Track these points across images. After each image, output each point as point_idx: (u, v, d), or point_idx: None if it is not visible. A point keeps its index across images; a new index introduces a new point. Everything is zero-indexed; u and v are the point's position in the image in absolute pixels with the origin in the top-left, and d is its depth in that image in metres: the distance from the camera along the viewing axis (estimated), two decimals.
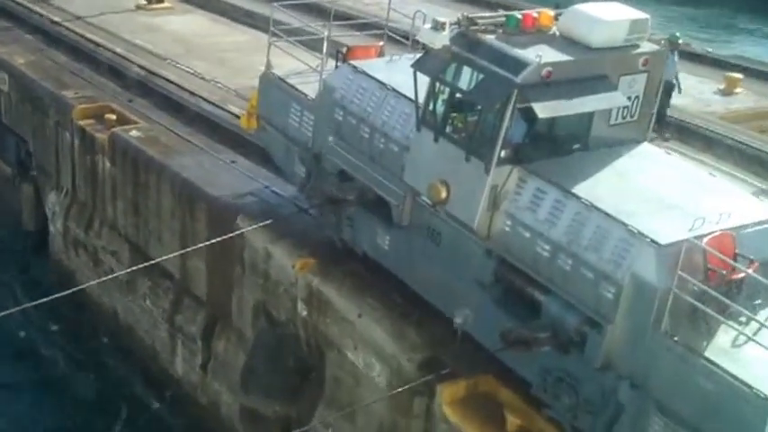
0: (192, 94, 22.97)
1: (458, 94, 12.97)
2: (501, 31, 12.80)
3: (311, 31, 16.58)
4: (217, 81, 23.76)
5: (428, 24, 12.99)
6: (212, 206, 18.12)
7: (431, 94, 13.19)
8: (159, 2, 29.90)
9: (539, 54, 12.19)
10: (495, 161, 12.38)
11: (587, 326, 11.64)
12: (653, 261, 11.03)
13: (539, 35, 12.82)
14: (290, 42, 16.44)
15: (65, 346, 22.40)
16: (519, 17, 12.80)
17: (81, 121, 21.98)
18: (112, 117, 21.72)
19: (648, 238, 11.17)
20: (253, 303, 17.19)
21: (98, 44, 26.29)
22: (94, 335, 22.22)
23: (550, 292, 12.07)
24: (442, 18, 12.83)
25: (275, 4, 16.73)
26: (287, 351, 16.51)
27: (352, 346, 14.89)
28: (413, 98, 13.39)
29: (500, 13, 13.16)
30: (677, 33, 22.17)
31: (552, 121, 12.74)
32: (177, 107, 22.61)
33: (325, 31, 15.85)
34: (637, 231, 11.28)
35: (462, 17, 12.85)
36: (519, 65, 12.16)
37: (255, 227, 16.31)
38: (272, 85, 16.59)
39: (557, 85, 12.25)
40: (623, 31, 12.73)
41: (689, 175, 13.05)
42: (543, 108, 12.13)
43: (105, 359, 21.80)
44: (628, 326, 11.24)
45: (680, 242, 10.91)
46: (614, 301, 11.27)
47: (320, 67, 15.64)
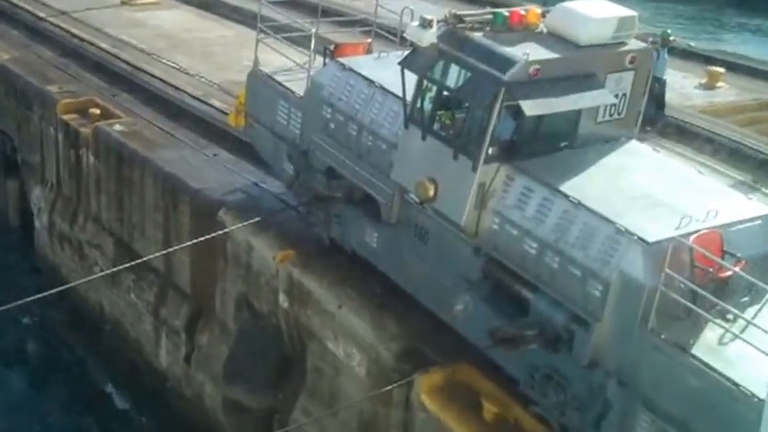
0: (176, 88, 23.06)
1: (445, 92, 12.96)
2: (488, 28, 12.78)
3: (299, 28, 16.54)
4: (201, 76, 23.83)
5: (416, 22, 12.97)
6: (195, 199, 18.28)
7: (418, 91, 13.17)
8: None
9: (526, 52, 12.19)
10: (483, 159, 12.39)
11: (575, 323, 11.66)
12: (640, 259, 11.04)
13: (526, 33, 12.82)
14: (277, 39, 16.40)
15: (50, 340, 22.50)
16: (506, 14, 12.79)
17: (65, 116, 22.04)
18: (96, 112, 21.82)
19: (636, 236, 11.19)
20: (235, 295, 17.33)
21: (83, 39, 26.32)
22: (80, 328, 22.29)
23: (538, 290, 12.08)
24: (429, 16, 12.80)
25: (263, 0, 16.67)
26: (269, 343, 16.63)
27: (333, 336, 15.02)
28: (401, 96, 13.38)
29: (487, 10, 13.13)
30: (669, 30, 22.25)
31: (540, 118, 12.72)
32: (161, 102, 22.69)
33: (313, 28, 15.80)
34: (624, 229, 11.30)
35: (450, 15, 12.84)
36: (506, 63, 12.15)
37: (244, 224, 16.36)
38: (259, 82, 16.56)
39: (544, 82, 12.25)
40: (611, 28, 12.74)
41: (676, 172, 13.07)
42: (531, 106, 12.13)
43: (90, 352, 21.89)
44: (615, 323, 11.25)
45: (667, 240, 10.95)
46: (602, 298, 11.29)
47: (308, 65, 15.61)
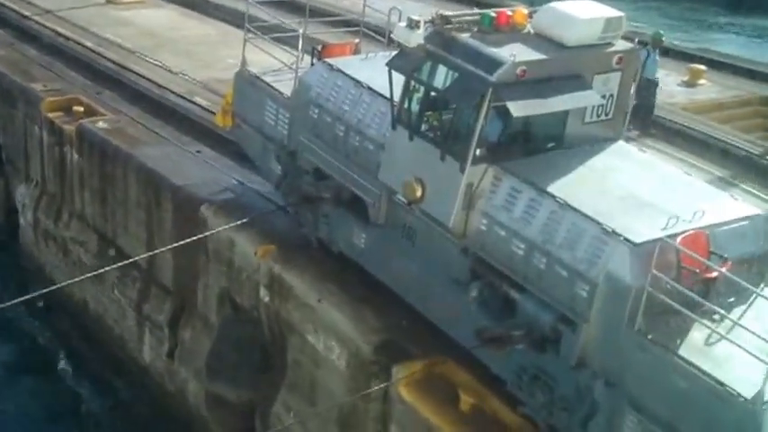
0: (160, 86, 23.15)
1: (433, 93, 12.98)
2: (475, 29, 12.80)
3: (287, 28, 16.53)
4: (185, 74, 23.91)
5: (403, 23, 12.97)
6: (177, 195, 18.40)
7: (406, 92, 13.18)
8: None
9: (513, 53, 12.20)
10: (471, 160, 12.41)
11: (562, 324, 11.69)
12: (627, 260, 11.07)
13: (513, 34, 12.84)
14: (265, 39, 16.39)
15: (35, 337, 22.53)
16: (493, 15, 12.80)
17: (49, 114, 22.05)
18: (80, 109, 21.88)
19: (623, 237, 11.21)
20: (217, 291, 17.42)
21: (68, 38, 26.33)
22: (64, 325, 22.33)
23: (526, 291, 12.11)
24: (416, 16, 12.81)
25: (250, 0, 16.65)
26: (251, 337, 16.71)
27: (313, 330, 15.11)
28: (388, 96, 13.38)
29: (474, 11, 13.15)
30: (661, 31, 22.35)
31: (527, 119, 12.76)
32: (145, 99, 22.78)
33: (300, 29, 15.79)
34: (611, 230, 11.32)
35: (437, 16, 12.84)
36: (493, 64, 12.17)
37: (232, 225, 16.38)
38: (247, 82, 16.55)
39: (531, 83, 12.27)
40: (598, 29, 12.75)
41: (663, 173, 13.09)
42: (518, 107, 12.15)
43: (74, 348, 21.99)
44: (602, 324, 11.29)
45: (654, 241, 10.97)
46: (589, 299, 11.32)
47: (295, 65, 15.60)
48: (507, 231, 12.23)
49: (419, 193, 12.99)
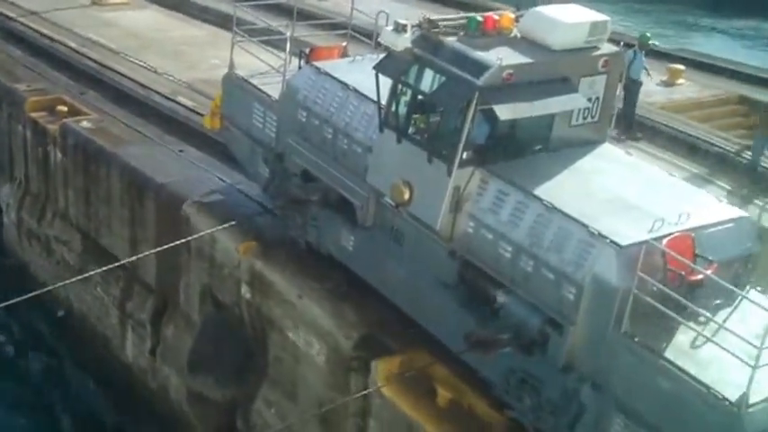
0: (144, 87, 23.21)
1: (420, 96, 13.01)
2: (462, 33, 12.84)
3: (274, 31, 16.54)
4: (169, 74, 23.97)
5: (390, 26, 13.00)
6: (160, 193, 18.51)
7: (393, 95, 13.21)
8: None
9: (500, 56, 12.25)
10: (458, 163, 12.44)
11: (549, 327, 11.74)
12: (613, 262, 11.12)
13: (500, 37, 12.88)
14: (253, 42, 16.40)
15: (18, 335, 22.58)
16: (480, 19, 12.84)
17: (33, 114, 22.10)
18: (64, 109, 21.96)
19: (609, 240, 11.26)
20: (199, 288, 17.50)
21: (53, 39, 26.35)
22: (48, 323, 22.34)
23: (513, 293, 12.15)
24: (403, 20, 12.84)
25: (237, 3, 16.66)
26: (232, 334, 16.81)
27: (293, 326, 15.23)
28: (375, 99, 13.41)
29: (461, 15, 13.19)
30: (648, 34, 22.47)
31: (514, 122, 12.80)
32: (129, 100, 22.85)
33: (288, 32, 15.80)
34: (597, 233, 11.37)
35: (424, 20, 12.87)
36: (480, 67, 12.21)
37: (219, 228, 16.43)
38: (235, 85, 16.56)
39: (518, 87, 12.32)
40: (584, 33, 12.81)
41: (650, 175, 13.16)
42: (504, 110, 12.19)
43: (58, 347, 22.03)
44: (589, 327, 11.33)
45: (640, 243, 11.02)
46: (575, 302, 11.36)
47: (283, 68, 15.62)
48: (494, 234, 12.27)
49: (407, 196, 13.02)
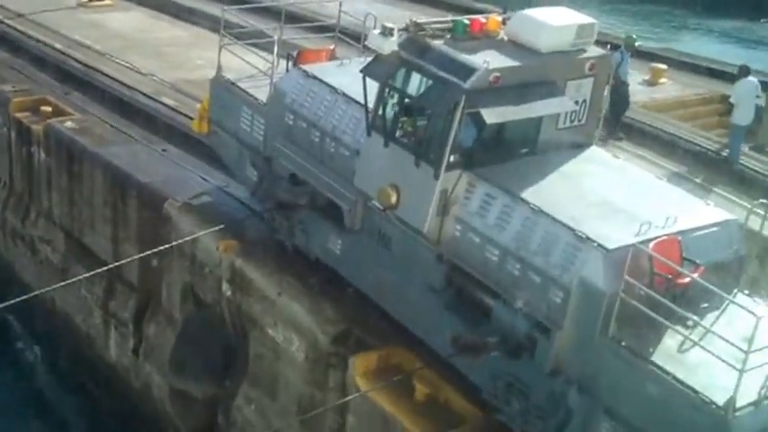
0: (129, 87, 23.26)
1: (407, 100, 12.97)
2: (449, 36, 12.80)
3: (262, 34, 16.50)
4: (153, 75, 24.00)
5: (377, 30, 12.96)
6: (142, 192, 18.62)
7: (380, 99, 13.17)
8: None
9: (486, 60, 12.21)
10: (445, 166, 12.40)
11: (537, 331, 11.69)
12: (600, 266, 11.08)
13: (487, 40, 12.84)
14: (241, 45, 16.36)
15: (1, 335, 22.58)
16: (467, 23, 12.80)
17: (17, 114, 22.10)
18: (48, 109, 21.99)
19: (596, 243, 11.22)
20: (181, 286, 17.58)
21: (38, 40, 26.36)
22: (31, 323, 22.37)
23: (500, 297, 12.11)
24: (390, 24, 12.80)
25: (225, 7, 16.62)
26: (213, 332, 16.88)
27: (273, 322, 15.31)
28: (363, 103, 13.37)
29: (448, 18, 13.15)
30: (634, 35, 22.48)
31: (501, 126, 12.78)
32: (113, 100, 22.92)
33: (275, 36, 15.76)
34: (584, 236, 11.33)
35: (411, 23, 12.84)
36: (467, 70, 12.17)
37: (208, 232, 16.40)
38: (223, 89, 16.51)
39: (505, 90, 12.28)
40: (570, 35, 12.79)
41: (636, 178, 13.14)
42: (491, 114, 12.16)
43: (42, 347, 22.10)
44: (576, 331, 11.29)
45: (626, 247, 10.98)
46: (563, 305, 11.32)
47: (271, 71, 15.57)
48: (481, 237, 12.23)
49: (394, 200, 12.98)
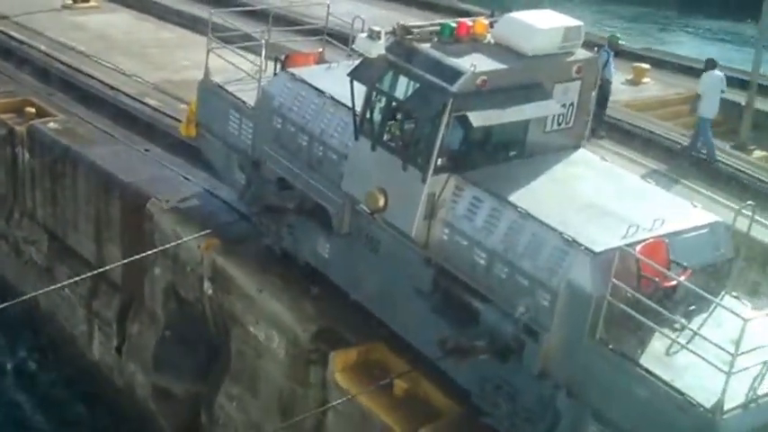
0: (113, 88, 23.30)
1: (394, 103, 12.96)
2: (436, 39, 12.80)
3: (250, 37, 16.48)
4: (137, 76, 24.03)
5: (364, 33, 12.95)
6: (125, 192, 18.73)
7: (368, 102, 13.16)
8: (85, 1, 30.10)
9: (473, 63, 12.21)
10: (432, 170, 12.40)
11: (524, 334, 11.68)
12: (587, 269, 11.08)
13: (474, 44, 12.87)
14: (228, 49, 16.33)
15: None
16: (454, 26, 12.82)
17: (1, 115, 22.16)
18: (32, 110, 22.06)
19: (583, 246, 11.22)
20: (163, 285, 17.67)
21: (22, 42, 26.35)
22: (15, 323, 22.07)
23: (488, 300, 12.11)
24: (377, 27, 12.80)
25: (213, 10, 16.61)
26: (196, 330, 16.98)
27: (254, 320, 15.40)
28: (351, 106, 13.36)
29: (435, 21, 13.15)
30: (617, 34, 22.53)
31: (488, 129, 12.77)
32: (97, 101, 22.96)
33: (263, 40, 15.74)
34: (571, 239, 11.34)
35: (398, 26, 12.83)
36: (454, 74, 12.17)
37: (197, 236, 16.41)
38: (210, 92, 16.49)
39: (492, 93, 12.29)
40: (557, 38, 12.80)
41: (624, 181, 13.14)
42: (478, 117, 12.17)
43: (26, 347, 21.97)
44: (564, 334, 11.29)
45: (613, 250, 10.98)
46: (550, 308, 11.32)
47: (258, 75, 15.55)
48: (469, 241, 12.23)
49: (382, 203, 12.97)
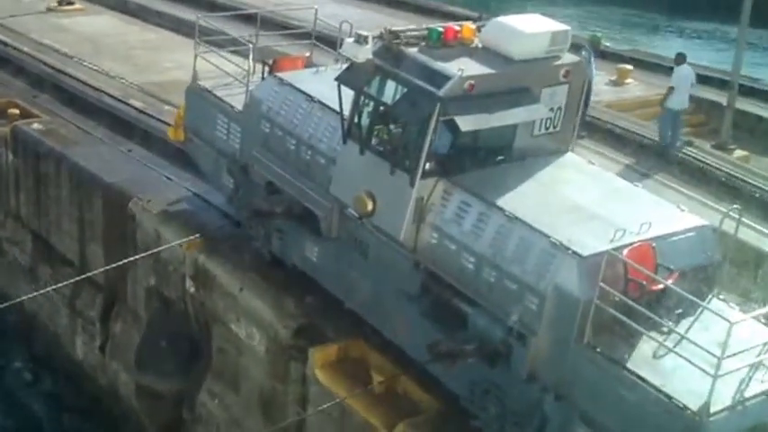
0: (96, 89, 23.36)
1: (382, 108, 12.97)
2: (424, 44, 12.81)
3: (238, 41, 16.49)
4: (122, 77, 24.08)
5: (351, 38, 12.97)
6: (107, 192, 18.87)
7: (356, 106, 13.17)
8: (69, 4, 30.16)
9: (461, 67, 12.23)
10: (420, 174, 12.42)
11: (512, 337, 11.70)
12: (575, 273, 11.10)
13: (461, 48, 12.86)
14: (216, 52, 16.34)
15: None
16: (441, 30, 12.81)
17: None
18: (16, 112, 22.11)
19: (570, 250, 11.24)
20: (146, 284, 17.79)
21: (6, 44, 26.38)
22: None
23: (477, 304, 12.13)
24: (364, 32, 12.81)
25: (200, 15, 16.61)
26: (178, 328, 17.12)
27: (235, 318, 15.55)
28: (339, 110, 13.37)
29: (423, 26, 13.16)
30: (599, 34, 22.66)
31: (476, 133, 12.77)
32: (81, 102, 23.05)
33: (250, 44, 15.75)
34: (559, 243, 11.36)
35: (385, 31, 12.85)
36: (442, 78, 12.19)
37: (185, 240, 16.42)
38: (198, 96, 16.49)
39: (479, 97, 12.31)
40: (544, 42, 12.81)
41: (611, 185, 13.18)
42: (466, 121, 12.18)
43: (8, 346, 22.12)
44: (552, 337, 11.31)
45: (601, 253, 11.01)
46: (538, 312, 11.34)
47: (246, 79, 15.55)
48: (457, 245, 12.25)
49: (370, 207, 12.98)
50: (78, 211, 19.67)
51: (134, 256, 17.50)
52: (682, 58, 21.61)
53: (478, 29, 13.07)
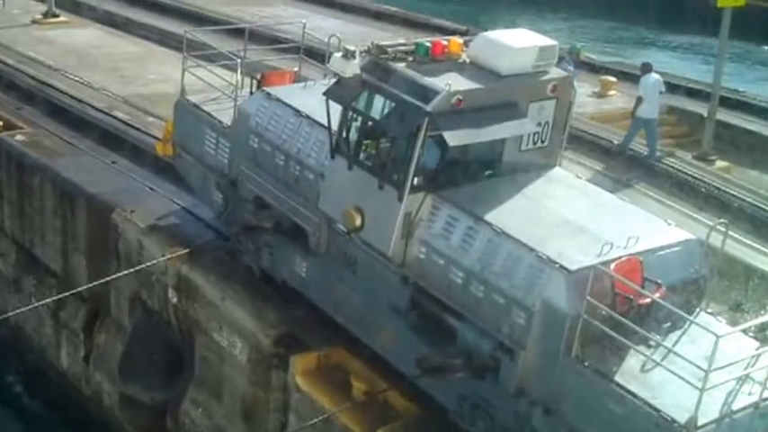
0: (80, 101, 23.41)
1: (370, 123, 13.01)
2: (411, 59, 12.85)
3: (226, 56, 16.51)
4: (106, 90, 24.13)
5: (339, 53, 13.01)
6: (90, 203, 18.91)
7: (344, 121, 13.20)
8: (55, 17, 30.19)
9: (449, 82, 12.27)
10: (408, 189, 12.44)
11: (501, 352, 11.73)
12: (562, 287, 11.15)
13: (449, 63, 12.90)
14: (204, 67, 16.36)
15: None
16: (429, 45, 12.84)
17: None
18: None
19: (558, 265, 11.29)
20: (129, 294, 17.84)
21: None
22: None
23: (465, 319, 12.15)
24: (352, 47, 12.86)
25: (188, 30, 16.64)
26: (161, 338, 17.19)
27: (218, 327, 15.64)
28: (327, 125, 13.40)
29: (410, 41, 13.21)
30: (578, 45, 22.79)
31: (464, 148, 12.80)
32: (65, 114, 23.08)
33: (238, 59, 15.77)
34: (546, 257, 11.40)
35: (373, 45, 12.88)
36: (429, 93, 12.22)
37: (174, 255, 16.42)
38: (187, 111, 16.50)
39: (467, 112, 12.33)
40: (532, 57, 12.87)
41: (599, 199, 13.24)
42: (454, 136, 12.21)
43: None
44: (540, 351, 11.35)
45: (588, 268, 11.06)
46: (526, 326, 11.38)
47: (234, 94, 15.58)
48: (446, 260, 12.28)
49: (358, 222, 12.99)
50: (62, 223, 19.74)
51: (119, 271, 17.57)
52: (648, 67, 21.73)
53: (466, 44, 13.12)
